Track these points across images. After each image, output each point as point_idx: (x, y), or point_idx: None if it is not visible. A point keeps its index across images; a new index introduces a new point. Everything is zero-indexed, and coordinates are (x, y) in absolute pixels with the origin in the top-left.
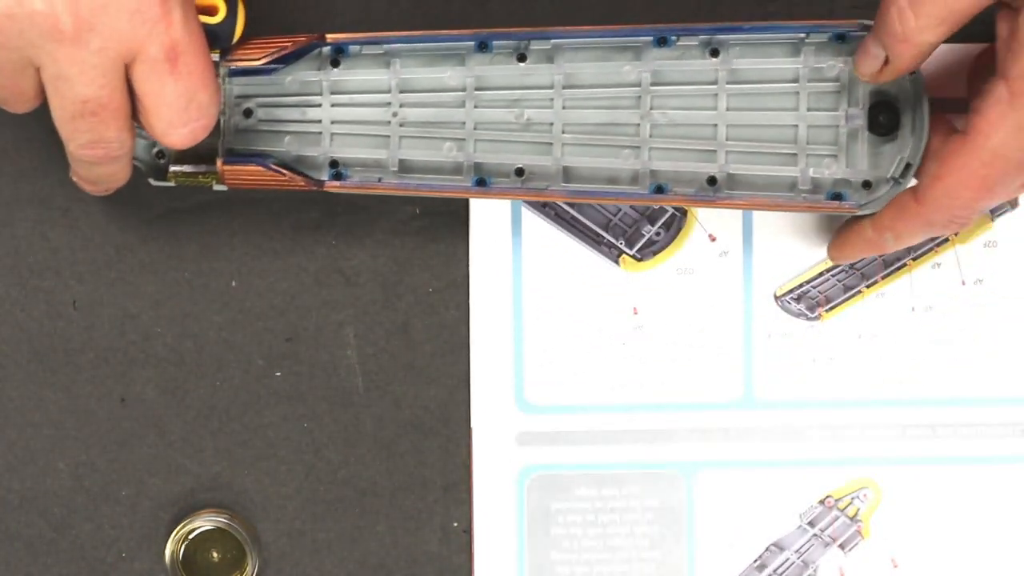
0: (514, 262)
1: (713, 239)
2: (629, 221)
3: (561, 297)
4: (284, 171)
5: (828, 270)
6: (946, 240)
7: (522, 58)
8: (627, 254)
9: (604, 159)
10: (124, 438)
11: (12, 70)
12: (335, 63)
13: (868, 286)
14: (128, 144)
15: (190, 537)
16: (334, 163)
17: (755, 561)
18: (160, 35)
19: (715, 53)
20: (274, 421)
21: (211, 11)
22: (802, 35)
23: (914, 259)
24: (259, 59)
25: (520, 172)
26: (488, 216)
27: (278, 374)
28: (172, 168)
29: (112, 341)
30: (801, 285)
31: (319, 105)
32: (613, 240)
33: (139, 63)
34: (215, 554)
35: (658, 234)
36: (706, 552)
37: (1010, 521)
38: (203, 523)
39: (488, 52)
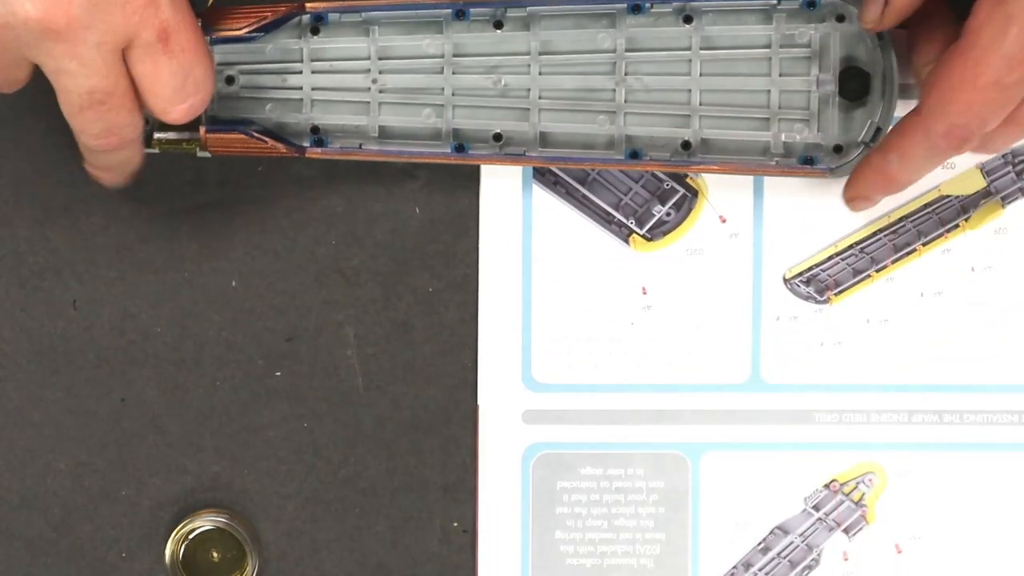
0: (524, 239)
1: (723, 220)
2: (640, 201)
3: (570, 275)
4: (266, 139)
5: (838, 253)
6: (956, 226)
7: (499, 25)
8: (637, 234)
9: (580, 124)
10: (124, 438)
11: (7, 67)
12: (315, 31)
13: (878, 270)
14: (139, 126)
15: (190, 537)
16: (315, 129)
17: (759, 544)
18: (151, 19)
19: (688, 20)
20: (274, 421)
21: None
22: (774, 2)
23: (924, 244)
24: (240, 29)
25: (498, 137)
26: (499, 192)
27: (278, 374)
28: (156, 135)
29: (112, 341)
30: (811, 268)
31: (299, 72)
32: (623, 219)
33: (134, 48)
34: (215, 554)
35: (668, 214)
36: (710, 534)
37: (1015, 509)
38: (203, 523)
39: (465, 20)
